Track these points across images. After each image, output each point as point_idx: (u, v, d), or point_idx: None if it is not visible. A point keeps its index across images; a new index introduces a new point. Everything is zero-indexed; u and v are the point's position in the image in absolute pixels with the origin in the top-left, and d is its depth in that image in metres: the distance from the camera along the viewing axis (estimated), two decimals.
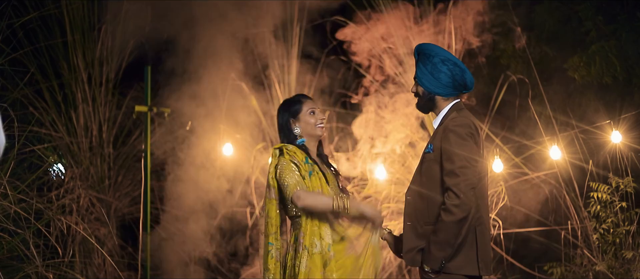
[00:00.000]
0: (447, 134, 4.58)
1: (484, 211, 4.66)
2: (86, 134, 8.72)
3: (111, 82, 8.97)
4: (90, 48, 8.84)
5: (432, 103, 4.80)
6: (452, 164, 4.50)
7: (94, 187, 8.61)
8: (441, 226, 4.49)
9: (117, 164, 8.93)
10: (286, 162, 4.72)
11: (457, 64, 4.74)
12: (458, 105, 4.77)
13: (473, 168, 4.51)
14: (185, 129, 8.50)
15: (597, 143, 7.58)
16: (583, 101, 8.20)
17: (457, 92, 4.78)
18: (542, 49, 8.47)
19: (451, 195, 4.46)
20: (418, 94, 4.83)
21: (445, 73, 4.71)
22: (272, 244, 4.74)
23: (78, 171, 8.40)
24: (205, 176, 8.48)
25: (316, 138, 4.96)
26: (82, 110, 8.70)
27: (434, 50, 4.78)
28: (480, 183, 4.60)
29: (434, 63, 4.72)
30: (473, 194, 4.48)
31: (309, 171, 4.73)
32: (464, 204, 4.45)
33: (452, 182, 4.48)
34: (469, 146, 4.54)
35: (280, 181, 4.71)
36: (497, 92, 8.28)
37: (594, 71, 7.89)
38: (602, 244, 7.14)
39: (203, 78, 8.36)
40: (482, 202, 4.65)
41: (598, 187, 7.13)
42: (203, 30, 8.34)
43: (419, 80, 4.79)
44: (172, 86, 8.48)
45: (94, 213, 8.46)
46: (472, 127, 4.59)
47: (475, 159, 4.51)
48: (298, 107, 4.90)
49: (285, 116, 4.92)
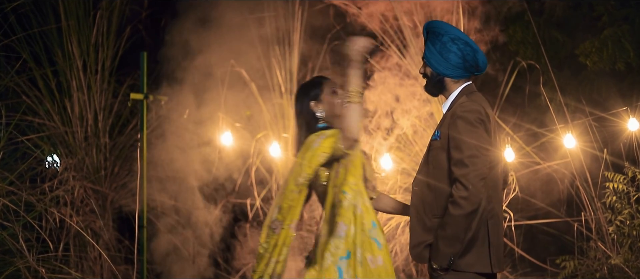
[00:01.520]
0: (455, 121, 4.28)
1: (496, 203, 4.37)
2: (81, 123, 8.52)
3: (107, 70, 8.76)
4: (85, 34, 8.63)
5: (441, 85, 4.49)
6: (460, 153, 4.21)
7: (89, 179, 8.41)
8: (449, 220, 4.19)
9: (113, 154, 8.73)
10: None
11: (469, 43, 4.42)
12: (469, 88, 4.47)
13: (483, 157, 4.20)
14: (182, 118, 8.27)
15: (612, 131, 7.40)
16: (595, 87, 8.08)
17: (468, 74, 4.48)
18: (552, 34, 8.32)
19: (459, 186, 4.16)
20: (426, 75, 4.53)
21: (455, 53, 4.40)
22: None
23: (72, 162, 8.23)
24: (204, 166, 8.28)
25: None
26: (77, 98, 8.51)
27: (444, 28, 4.47)
28: (492, 173, 4.30)
29: (443, 42, 4.41)
30: (483, 185, 4.18)
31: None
32: (473, 196, 4.14)
33: (461, 172, 4.18)
34: (478, 134, 4.24)
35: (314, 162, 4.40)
36: (506, 78, 8.10)
37: (607, 57, 7.78)
38: (618, 236, 6.90)
39: (201, 65, 8.12)
40: (494, 193, 4.35)
41: (613, 177, 6.88)
42: (202, 16, 8.14)
43: (427, 60, 4.49)
44: (169, 73, 8.27)
45: (89, 205, 8.31)
46: (482, 113, 4.28)
47: (485, 147, 4.22)
48: (318, 89, 4.59)
49: (305, 101, 4.60)
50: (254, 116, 8.37)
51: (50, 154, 8.41)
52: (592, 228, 7.22)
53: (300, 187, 4.41)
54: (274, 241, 4.44)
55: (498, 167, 4.41)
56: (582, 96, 7.85)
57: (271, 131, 8.39)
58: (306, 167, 4.37)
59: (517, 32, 8.35)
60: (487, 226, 4.28)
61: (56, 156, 8.44)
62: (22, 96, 8.11)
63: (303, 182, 4.40)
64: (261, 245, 4.47)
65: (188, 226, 8.50)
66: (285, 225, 4.43)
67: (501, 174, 4.49)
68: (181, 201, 8.47)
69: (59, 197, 7.66)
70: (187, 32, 8.15)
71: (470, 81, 4.50)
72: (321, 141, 4.36)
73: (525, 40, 8.31)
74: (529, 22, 8.03)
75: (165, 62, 8.25)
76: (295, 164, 4.45)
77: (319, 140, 4.37)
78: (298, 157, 4.46)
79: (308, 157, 4.37)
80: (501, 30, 8.02)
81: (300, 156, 4.43)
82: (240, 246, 8.34)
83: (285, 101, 8.31)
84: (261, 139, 8.39)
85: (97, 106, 8.62)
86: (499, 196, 4.45)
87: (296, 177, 4.40)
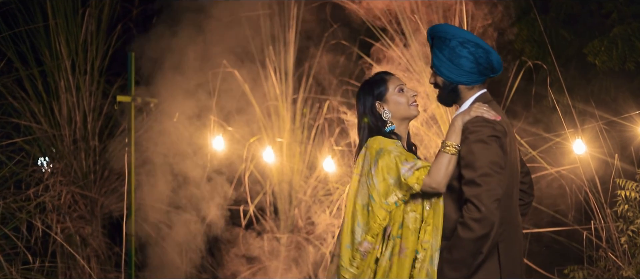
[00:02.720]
0: (466, 136, 3.94)
1: (510, 225, 4.02)
2: (69, 125, 8.36)
3: (97, 70, 8.59)
4: (74, 33, 8.46)
5: (455, 94, 4.15)
6: (472, 172, 3.87)
7: (77, 184, 8.23)
8: (457, 243, 3.85)
9: (103, 157, 8.53)
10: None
11: (479, 44, 4.08)
12: (485, 96, 4.13)
13: (498, 176, 3.86)
14: (172, 121, 8.06)
15: (624, 136, 7.19)
16: (603, 87, 7.92)
17: (483, 78, 4.14)
18: (559, 33, 8.15)
19: (471, 208, 3.82)
20: (438, 85, 4.18)
21: (466, 57, 4.05)
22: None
23: (59, 166, 8.07)
24: (195, 172, 8.06)
25: (408, 121, 4.28)
26: (66, 100, 8.33)
27: (450, 31, 4.12)
28: (507, 192, 3.96)
29: (451, 47, 4.07)
30: (497, 207, 3.83)
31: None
32: (485, 219, 3.80)
33: (473, 192, 3.84)
34: (492, 150, 3.90)
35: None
36: (511, 78, 7.90)
37: (616, 56, 7.57)
38: (631, 246, 6.66)
39: (192, 66, 7.95)
40: (508, 214, 4.01)
41: (625, 184, 6.63)
42: (193, 14, 7.93)
43: (436, 69, 4.14)
44: (158, 74, 8.06)
45: (78, 211, 8.16)
46: (497, 128, 3.94)
47: (500, 165, 3.88)
48: (383, 87, 4.22)
49: (369, 101, 4.22)
50: (248, 119, 8.18)
51: (38, 158, 8.29)
52: (602, 236, 6.98)
53: (390, 207, 4.04)
54: (366, 264, 4.07)
55: (514, 187, 4.09)
56: (590, 97, 7.70)
57: (265, 135, 8.20)
58: (397, 188, 4.02)
59: (523, 30, 8.18)
60: (498, 250, 3.95)
61: (43, 159, 8.32)
62: (7, 98, 8.00)
63: (396, 201, 4.04)
64: (346, 270, 4.10)
65: (179, 233, 8.30)
66: (376, 246, 4.08)
67: (517, 192, 4.15)
68: (172, 207, 8.30)
69: (44, 204, 7.53)
70: (177, 31, 7.98)
71: (485, 87, 4.17)
72: (415, 172, 3.97)
73: (531, 38, 8.16)
74: (535, 19, 7.85)
75: (153, 62, 8.07)
76: (372, 174, 4.07)
77: (408, 166, 3.98)
78: (365, 164, 4.11)
79: (394, 171, 4.00)
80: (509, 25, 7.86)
81: (370, 162, 4.08)
82: (234, 253, 8.17)
83: (280, 103, 8.12)
84: (254, 143, 8.22)
85: (86, 107, 8.46)
86: (515, 218, 4.11)
87: (386, 195, 4.03)
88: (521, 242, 4.22)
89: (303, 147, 8.08)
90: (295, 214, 8.08)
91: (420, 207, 4.05)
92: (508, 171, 3.97)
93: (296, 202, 8.09)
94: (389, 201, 4.01)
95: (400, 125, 4.21)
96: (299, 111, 8.15)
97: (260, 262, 8.08)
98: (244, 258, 8.12)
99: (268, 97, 8.16)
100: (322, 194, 8.03)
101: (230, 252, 8.19)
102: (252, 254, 8.06)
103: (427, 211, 4.05)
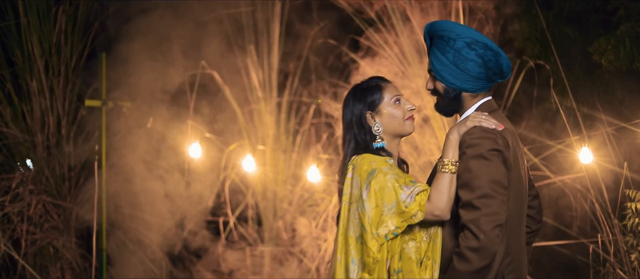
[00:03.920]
0: (463, 151, 3.45)
1: (518, 252, 3.53)
2: (42, 130, 8.14)
3: (71, 71, 8.35)
4: (47, 32, 8.22)
5: (457, 103, 3.64)
6: (469, 193, 3.37)
7: (50, 192, 8.00)
8: (453, 276, 3.36)
9: (78, 164, 8.29)
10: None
11: (489, 45, 3.55)
12: (489, 105, 3.62)
13: (500, 198, 3.36)
14: (146, 127, 7.82)
15: (635, 143, 6.90)
16: (609, 88, 7.67)
17: (490, 84, 3.63)
18: (563, 30, 7.91)
19: (468, 235, 3.33)
20: (437, 92, 3.67)
21: (474, 61, 3.53)
22: None
23: (30, 174, 7.87)
24: (172, 180, 7.80)
25: (401, 138, 3.78)
26: (38, 103, 8.11)
27: (454, 29, 3.59)
28: (513, 215, 3.48)
29: (457, 49, 3.54)
30: (498, 235, 3.33)
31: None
32: (484, 248, 3.30)
33: (470, 217, 3.33)
34: (493, 167, 3.39)
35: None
36: (511, 79, 7.68)
37: (624, 55, 7.24)
38: None
39: (169, 67, 7.70)
40: (515, 241, 3.52)
41: (635, 196, 6.32)
42: (170, 12, 7.73)
43: (437, 73, 3.62)
44: (131, 76, 7.82)
45: (50, 221, 7.94)
46: (499, 141, 3.45)
47: (502, 184, 3.39)
48: (377, 95, 3.70)
49: (359, 109, 3.70)
50: (228, 124, 7.99)
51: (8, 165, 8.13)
52: (609, 250, 6.69)
53: (381, 240, 3.52)
54: None
55: (523, 209, 3.60)
56: (596, 99, 7.47)
57: (248, 141, 7.97)
58: (393, 217, 3.51)
59: (524, 27, 8.00)
60: None
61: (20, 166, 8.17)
62: None
63: (387, 234, 3.52)
64: None
65: (154, 246, 8.09)
66: None
67: (525, 216, 3.66)
68: (147, 218, 8.04)
69: (9, 214, 7.43)
70: (153, 28, 7.74)
71: (491, 94, 3.69)
72: (415, 197, 3.48)
73: (533, 36, 7.95)
74: (537, 16, 7.64)
75: (127, 63, 7.83)
76: (363, 200, 3.56)
77: (409, 191, 3.49)
78: (354, 188, 3.60)
79: (390, 197, 3.50)
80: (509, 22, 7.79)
81: (361, 186, 3.57)
82: (213, 267, 7.94)
83: (263, 107, 7.88)
84: (235, 150, 7.99)
85: (61, 111, 8.23)
86: (523, 249, 3.61)
87: (377, 225, 3.53)
88: (526, 274, 3.71)
89: (288, 154, 7.79)
90: (279, 226, 7.82)
91: (419, 236, 3.58)
92: (514, 190, 3.48)
93: (281, 213, 7.86)
94: (380, 233, 3.51)
95: (391, 142, 3.70)
96: (283, 114, 7.94)
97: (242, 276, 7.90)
98: (221, 274, 7.91)
99: (251, 100, 7.94)
100: (308, 205, 7.83)
101: (208, 266, 8.00)
102: (231, 268, 7.84)
103: (425, 241, 3.59)
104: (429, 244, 3.56)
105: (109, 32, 8.37)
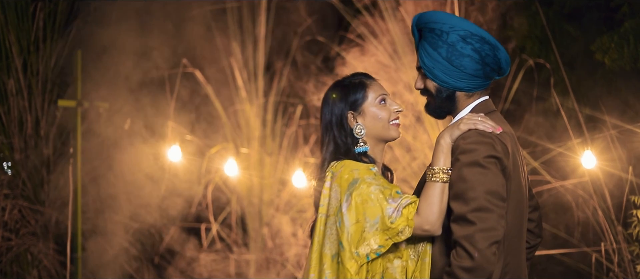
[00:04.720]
0: (456, 157, 3.13)
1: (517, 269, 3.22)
2: (20, 131, 7.99)
3: (50, 70, 8.22)
4: (25, 30, 8.13)
5: (451, 103, 3.32)
6: (463, 205, 3.05)
7: (27, 196, 7.85)
8: None
9: (57, 167, 8.09)
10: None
11: (486, 38, 3.23)
12: (486, 105, 3.31)
13: (497, 211, 3.04)
14: (123, 128, 7.69)
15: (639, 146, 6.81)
16: (613, 88, 7.62)
17: (487, 82, 3.31)
18: (564, 28, 7.87)
19: (461, 253, 3.01)
20: (428, 92, 3.35)
21: (470, 56, 3.21)
22: None
23: (5, 178, 7.74)
24: (149, 187, 7.61)
25: (385, 143, 3.48)
26: (15, 103, 7.98)
27: (447, 21, 3.26)
28: (510, 229, 3.16)
29: (450, 43, 3.22)
30: (495, 252, 3.02)
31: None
32: (479, 268, 2.98)
33: (463, 233, 3.02)
34: (490, 176, 3.07)
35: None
36: (511, 79, 7.61)
37: (627, 54, 7.13)
38: None
39: (148, 65, 7.56)
40: (513, 258, 3.21)
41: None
42: (150, 8, 7.61)
43: (428, 71, 3.29)
44: (108, 76, 7.71)
45: (27, 227, 7.79)
46: (497, 147, 3.13)
47: (500, 195, 3.07)
48: (361, 93, 3.41)
49: (339, 108, 3.41)
50: (211, 125, 7.91)
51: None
52: (613, 260, 6.54)
53: (361, 260, 3.20)
54: None
55: (523, 222, 3.28)
56: (599, 99, 7.36)
57: (232, 143, 7.84)
58: (376, 234, 3.18)
59: (523, 25, 7.95)
60: None
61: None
62: None
63: (368, 254, 3.20)
64: None
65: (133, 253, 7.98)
66: None
67: (525, 229, 3.34)
68: (125, 224, 7.92)
69: None
70: (132, 25, 7.62)
71: (488, 93, 3.37)
72: (402, 211, 3.16)
73: (533, 34, 7.91)
74: (537, 13, 7.60)
75: (104, 62, 7.74)
76: (343, 213, 3.25)
77: (395, 205, 3.17)
78: (332, 200, 3.28)
79: (373, 211, 3.18)
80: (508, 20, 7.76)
81: (340, 197, 3.25)
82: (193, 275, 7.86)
83: (248, 107, 7.74)
84: (217, 153, 7.85)
85: (39, 111, 8.07)
86: (524, 267, 3.30)
87: (357, 243, 3.21)
88: None
89: (274, 157, 7.63)
90: (264, 233, 7.65)
91: (406, 253, 3.27)
92: (513, 202, 3.17)
93: (267, 218, 7.72)
94: (360, 252, 3.18)
95: (375, 147, 3.39)
96: (270, 116, 7.88)
97: None
98: None
99: (236, 100, 7.79)
100: (296, 210, 7.75)
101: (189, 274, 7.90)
102: (215, 277, 7.72)
103: (413, 260, 3.27)
104: (416, 263, 3.24)
105: (88, 31, 8.27)
